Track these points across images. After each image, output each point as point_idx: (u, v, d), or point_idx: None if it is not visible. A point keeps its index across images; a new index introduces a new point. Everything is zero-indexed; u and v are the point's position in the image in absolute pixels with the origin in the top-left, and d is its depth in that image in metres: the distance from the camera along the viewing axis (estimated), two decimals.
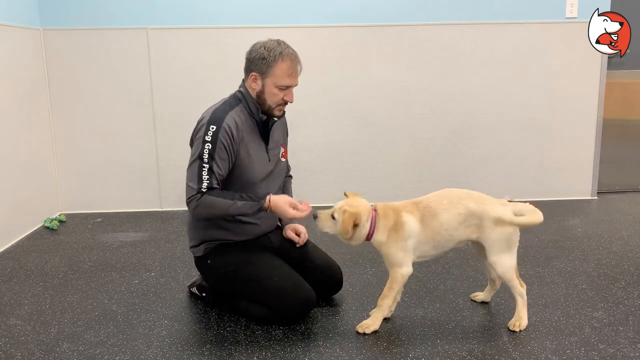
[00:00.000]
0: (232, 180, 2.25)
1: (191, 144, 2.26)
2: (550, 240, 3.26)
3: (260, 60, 2.19)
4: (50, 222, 3.66)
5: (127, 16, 3.83)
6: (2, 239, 3.29)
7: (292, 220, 2.32)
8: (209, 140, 2.15)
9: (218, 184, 2.18)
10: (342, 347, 2.08)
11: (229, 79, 3.84)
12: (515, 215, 2.10)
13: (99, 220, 3.85)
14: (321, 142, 4.06)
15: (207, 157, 2.14)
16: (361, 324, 2.19)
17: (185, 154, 3.90)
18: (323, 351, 2.06)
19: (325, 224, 2.16)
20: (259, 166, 2.29)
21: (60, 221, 3.77)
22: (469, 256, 2.98)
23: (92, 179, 4.02)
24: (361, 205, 2.12)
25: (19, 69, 3.52)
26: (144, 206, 4.07)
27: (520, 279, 2.19)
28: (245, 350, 2.07)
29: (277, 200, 2.19)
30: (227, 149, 2.17)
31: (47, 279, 2.80)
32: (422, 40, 3.95)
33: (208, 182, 2.14)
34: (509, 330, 2.17)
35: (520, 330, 2.16)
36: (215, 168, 2.15)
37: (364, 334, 2.16)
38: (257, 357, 2.02)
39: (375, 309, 2.21)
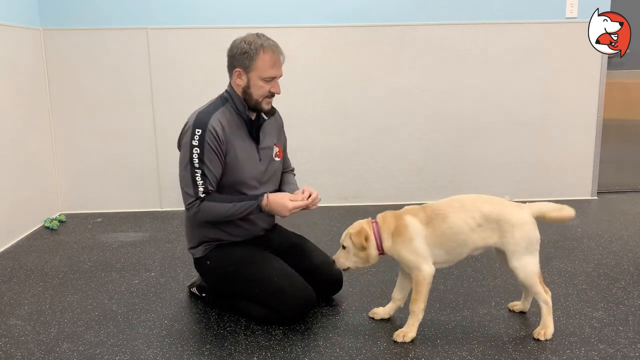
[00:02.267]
0: (223, 181, 2.24)
1: (179, 148, 2.25)
2: (550, 240, 3.26)
3: (242, 55, 2.20)
4: (50, 222, 3.66)
5: (127, 16, 3.83)
6: (2, 239, 3.29)
7: (294, 212, 2.22)
8: (197, 144, 2.15)
9: (213, 187, 2.18)
10: (342, 347, 2.08)
11: (228, 79, 3.87)
12: (536, 216, 2.06)
13: (99, 220, 3.85)
14: (321, 142, 4.06)
15: (197, 161, 2.15)
16: (397, 332, 2.12)
17: None
18: (323, 351, 2.06)
19: (344, 259, 2.18)
20: (249, 166, 2.27)
21: (60, 221, 3.77)
22: (470, 257, 2.98)
23: (92, 179, 4.02)
24: (360, 222, 2.16)
25: (19, 69, 3.52)
26: (144, 206, 4.07)
27: (544, 285, 2.11)
28: (245, 350, 2.07)
29: (275, 197, 2.19)
30: (216, 150, 2.17)
31: (47, 279, 2.80)
32: (422, 40, 3.95)
33: (203, 186, 2.15)
34: (534, 339, 2.09)
35: (546, 340, 2.08)
36: (207, 172, 2.16)
37: (395, 341, 2.10)
38: (257, 357, 2.02)
39: (409, 315, 2.13)
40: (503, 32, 3.96)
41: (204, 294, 2.48)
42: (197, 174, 2.15)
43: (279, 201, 2.19)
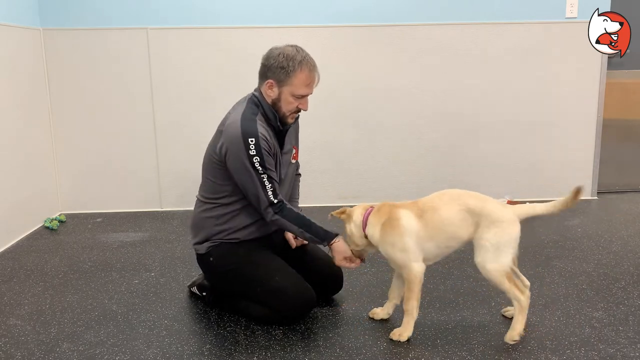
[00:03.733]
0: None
1: (222, 156, 2.20)
2: (550, 240, 3.26)
3: (278, 69, 2.16)
4: (50, 222, 3.66)
5: (127, 16, 3.83)
6: (2, 239, 3.29)
7: (339, 266, 2.30)
8: (254, 153, 2.13)
9: (279, 190, 2.22)
10: (342, 347, 2.08)
11: (228, 79, 3.89)
12: (519, 217, 2.06)
13: (99, 220, 3.85)
14: (321, 142, 4.06)
15: (261, 169, 2.15)
16: (394, 331, 2.13)
17: (185, 154, 3.94)
18: (323, 351, 2.06)
19: (356, 247, 2.23)
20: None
21: (60, 221, 3.77)
22: (470, 256, 2.97)
23: (92, 179, 4.02)
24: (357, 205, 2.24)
25: (19, 69, 3.52)
26: (144, 206, 4.07)
27: (518, 283, 2.08)
28: (245, 350, 2.07)
29: (337, 249, 2.22)
30: (271, 154, 2.20)
31: (47, 279, 2.80)
32: (422, 40, 3.95)
33: (272, 190, 2.17)
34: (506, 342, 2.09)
35: (512, 342, 2.06)
36: (272, 174, 2.19)
37: (398, 340, 2.12)
38: (257, 357, 2.02)
39: (404, 314, 2.13)
40: (503, 32, 3.96)
41: (204, 294, 2.48)
42: (264, 178, 2.16)
43: (340, 253, 2.22)
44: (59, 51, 3.84)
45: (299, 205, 2.60)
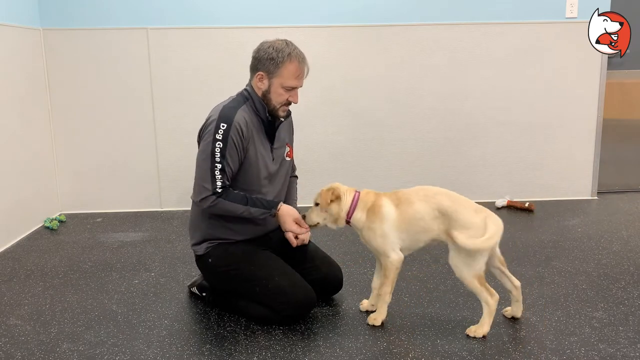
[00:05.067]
0: (236, 177, 2.25)
1: (199, 141, 2.26)
2: (550, 240, 3.26)
3: (268, 61, 2.20)
4: (50, 222, 3.66)
5: (127, 16, 3.83)
6: (2, 239, 3.29)
7: (289, 231, 2.30)
8: (220, 138, 2.15)
9: (229, 181, 2.21)
10: (342, 347, 2.08)
11: (228, 79, 3.88)
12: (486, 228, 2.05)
13: (99, 220, 3.85)
14: (320, 142, 4.06)
15: (219, 156, 2.16)
16: (369, 317, 2.24)
17: (185, 154, 3.94)
18: (323, 351, 2.06)
19: (315, 215, 2.24)
20: (262, 166, 2.29)
21: (60, 221, 3.77)
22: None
23: (92, 179, 4.02)
24: (337, 183, 2.25)
25: (19, 69, 3.52)
26: (144, 206, 4.07)
27: (489, 287, 2.10)
28: (245, 350, 2.07)
29: (285, 212, 2.23)
30: (237, 146, 2.19)
31: (47, 279, 2.80)
32: (422, 40, 3.95)
33: (221, 181, 2.17)
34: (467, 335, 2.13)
35: (474, 337, 2.10)
36: (227, 167, 2.18)
37: (374, 326, 2.21)
38: (257, 357, 2.02)
39: (379, 299, 2.23)
40: (503, 32, 3.96)
41: (204, 294, 2.48)
42: (216, 169, 2.16)
43: (286, 217, 2.23)
44: (59, 51, 3.84)
45: (297, 207, 2.60)
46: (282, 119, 2.36)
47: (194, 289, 2.53)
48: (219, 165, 2.16)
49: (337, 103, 4.01)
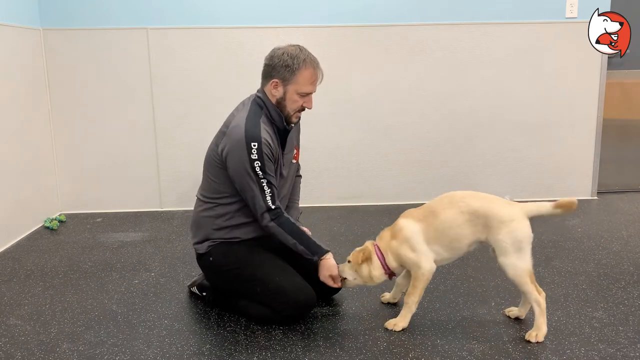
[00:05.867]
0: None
1: (223, 159, 2.22)
2: (550, 240, 3.26)
3: (283, 68, 2.18)
4: (50, 222, 3.66)
5: (127, 16, 3.83)
6: (2, 239, 3.29)
7: (322, 280, 2.29)
8: (256, 157, 2.15)
9: (278, 196, 2.23)
10: (342, 347, 2.08)
11: (228, 79, 3.88)
12: (528, 215, 2.07)
13: (99, 220, 3.85)
14: (321, 142, 4.06)
15: (261, 173, 2.16)
16: (389, 321, 2.21)
17: (185, 154, 3.94)
18: (323, 351, 2.06)
19: (346, 270, 2.27)
20: (277, 174, 2.30)
21: (60, 221, 3.77)
22: (470, 256, 2.98)
23: (92, 179, 4.02)
24: (366, 243, 2.26)
25: (19, 69, 3.52)
26: (144, 206, 4.07)
27: (537, 285, 2.10)
28: (245, 350, 2.07)
29: (326, 265, 2.23)
30: (272, 160, 2.22)
31: (47, 279, 2.80)
32: (422, 40, 3.95)
33: (270, 195, 2.18)
34: (525, 340, 2.09)
35: (537, 342, 2.07)
36: (272, 179, 2.19)
37: (392, 330, 2.20)
38: (257, 357, 2.02)
39: (403, 306, 2.20)
40: (503, 32, 3.96)
41: (204, 294, 2.48)
42: (263, 183, 2.17)
43: (325, 270, 2.23)
44: (59, 51, 3.84)
45: (299, 206, 2.60)
46: (293, 125, 2.36)
47: (194, 289, 2.53)
48: (264, 181, 2.17)
49: (337, 103, 4.01)
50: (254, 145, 2.14)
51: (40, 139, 3.79)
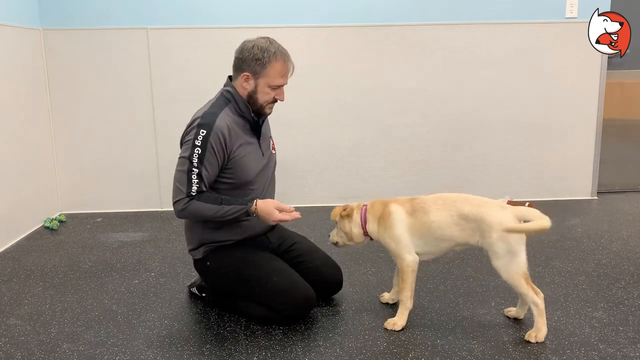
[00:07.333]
0: (228, 179, 2.24)
1: (181, 145, 2.26)
2: (550, 240, 3.26)
3: (253, 61, 2.19)
4: (50, 222, 3.66)
5: (127, 16, 3.83)
6: (2, 239, 3.29)
7: (277, 221, 2.23)
8: (199, 144, 2.14)
9: (206, 187, 2.18)
10: (342, 347, 2.08)
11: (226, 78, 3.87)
12: (519, 219, 2.04)
13: (99, 220, 3.85)
14: (320, 142, 4.06)
15: (196, 161, 2.14)
16: (388, 321, 2.22)
17: None
18: (323, 351, 2.06)
19: (334, 234, 2.34)
20: (254, 164, 2.29)
21: (60, 221, 3.77)
22: (470, 256, 2.98)
23: (92, 179, 4.02)
24: (349, 203, 2.31)
25: (19, 69, 3.52)
26: (144, 206, 4.07)
27: (534, 285, 2.08)
28: (245, 350, 2.07)
29: (263, 205, 2.19)
30: (217, 153, 2.16)
31: (47, 279, 2.80)
32: (422, 40, 3.95)
33: (197, 186, 2.15)
34: (525, 341, 2.08)
35: (537, 342, 2.07)
36: (204, 173, 2.15)
37: (393, 330, 2.20)
38: (257, 357, 2.02)
39: (399, 304, 2.22)
40: (503, 32, 3.96)
41: (204, 294, 2.48)
42: (193, 173, 2.15)
43: (266, 209, 2.18)
44: (59, 51, 3.84)
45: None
46: (266, 116, 2.36)
47: (194, 289, 2.53)
48: (195, 170, 2.14)
49: (337, 103, 4.01)
50: (202, 132, 2.15)
51: (40, 139, 3.79)
